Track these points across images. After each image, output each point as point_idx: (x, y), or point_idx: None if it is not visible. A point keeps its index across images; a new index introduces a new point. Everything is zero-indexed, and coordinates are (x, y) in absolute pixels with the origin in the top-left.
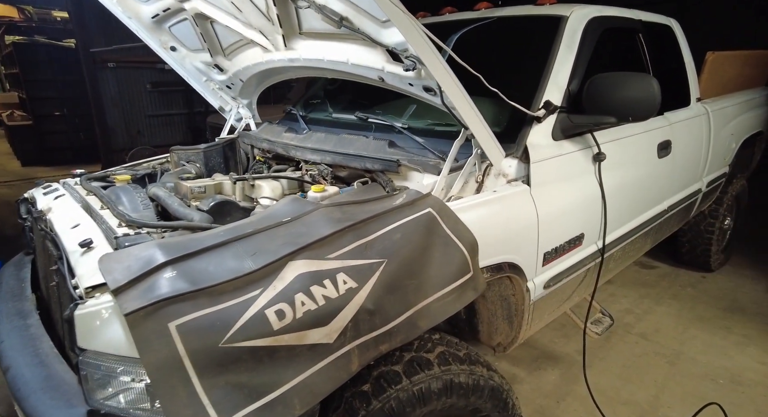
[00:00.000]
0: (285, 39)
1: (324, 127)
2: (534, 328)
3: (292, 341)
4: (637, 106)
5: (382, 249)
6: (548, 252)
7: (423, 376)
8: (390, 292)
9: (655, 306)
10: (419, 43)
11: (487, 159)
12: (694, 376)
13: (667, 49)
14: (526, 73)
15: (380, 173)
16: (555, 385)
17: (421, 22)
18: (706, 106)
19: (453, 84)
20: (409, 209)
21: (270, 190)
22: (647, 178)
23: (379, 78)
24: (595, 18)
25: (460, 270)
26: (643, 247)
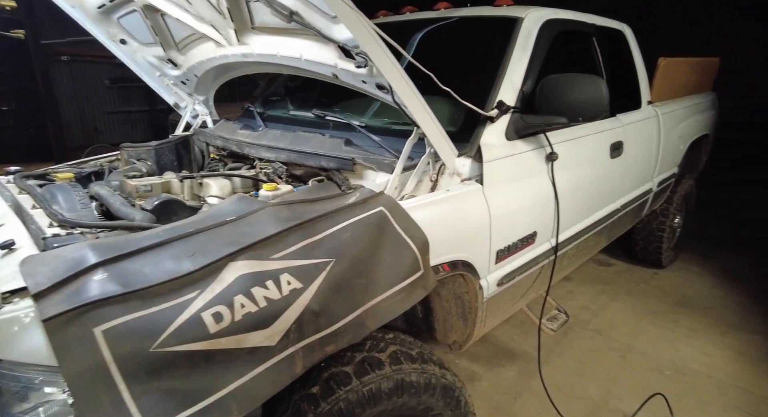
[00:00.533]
0: (237, 33)
1: (281, 125)
2: (489, 326)
3: (231, 344)
4: (587, 107)
5: (330, 248)
6: (501, 250)
7: (373, 377)
8: (337, 292)
9: (611, 302)
10: (368, 40)
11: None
12: (644, 369)
13: (619, 53)
14: (482, 73)
15: (336, 172)
16: (513, 381)
17: (382, 20)
18: (656, 109)
19: (403, 82)
20: (361, 208)
21: (218, 189)
22: (600, 177)
23: (333, 75)
24: (549, 20)
25: (410, 268)
26: (598, 245)
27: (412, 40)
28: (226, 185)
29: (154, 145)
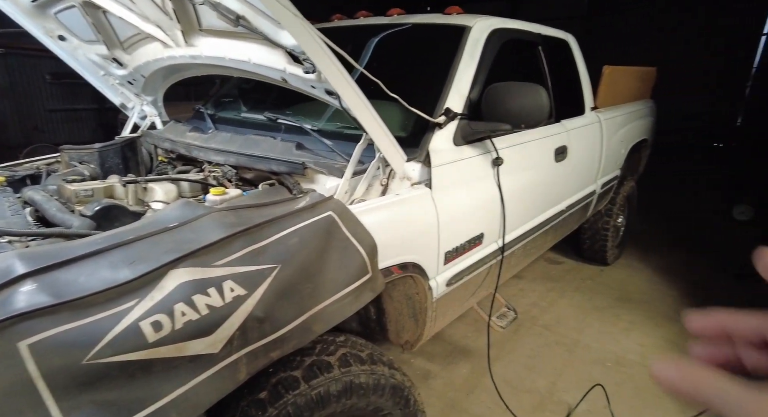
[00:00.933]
0: (185, 35)
1: (232, 127)
2: (439, 325)
3: (171, 353)
4: (529, 114)
5: (276, 254)
6: (449, 251)
7: (322, 380)
8: (283, 297)
9: (559, 298)
10: (313, 47)
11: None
12: (588, 362)
13: (564, 62)
14: (432, 79)
15: (287, 175)
16: (466, 378)
17: (336, 24)
18: (599, 115)
19: (350, 89)
20: (309, 213)
21: (163, 194)
22: (545, 180)
23: (282, 79)
24: (497, 29)
25: (358, 272)
26: (545, 245)
27: (367, 45)
28: (172, 190)
29: (98, 148)
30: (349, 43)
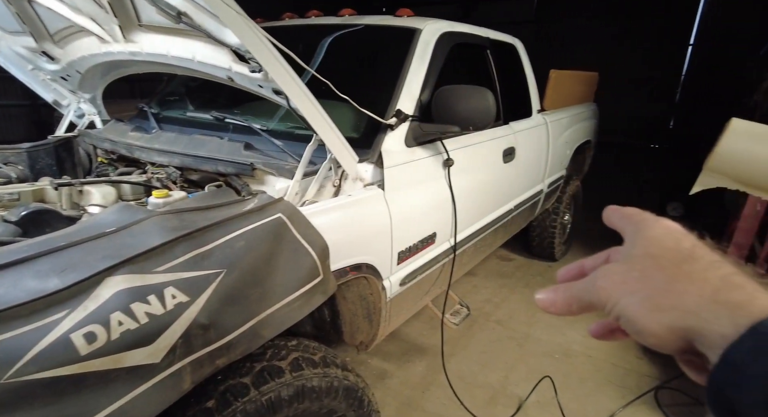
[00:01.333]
0: (123, 30)
1: (177, 127)
2: (394, 324)
3: (106, 365)
4: (477, 117)
5: (221, 258)
6: (402, 251)
7: (273, 385)
8: (229, 303)
9: (511, 294)
10: (257, 45)
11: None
12: (538, 354)
13: (512, 65)
14: (383, 81)
15: (234, 177)
16: (421, 376)
17: (286, 23)
18: (545, 117)
19: (297, 89)
20: (257, 215)
21: (101, 197)
22: (494, 181)
23: (229, 78)
24: (446, 33)
25: (309, 275)
26: (495, 242)
27: (319, 45)
28: (110, 193)
29: (26, 148)
30: (300, 42)
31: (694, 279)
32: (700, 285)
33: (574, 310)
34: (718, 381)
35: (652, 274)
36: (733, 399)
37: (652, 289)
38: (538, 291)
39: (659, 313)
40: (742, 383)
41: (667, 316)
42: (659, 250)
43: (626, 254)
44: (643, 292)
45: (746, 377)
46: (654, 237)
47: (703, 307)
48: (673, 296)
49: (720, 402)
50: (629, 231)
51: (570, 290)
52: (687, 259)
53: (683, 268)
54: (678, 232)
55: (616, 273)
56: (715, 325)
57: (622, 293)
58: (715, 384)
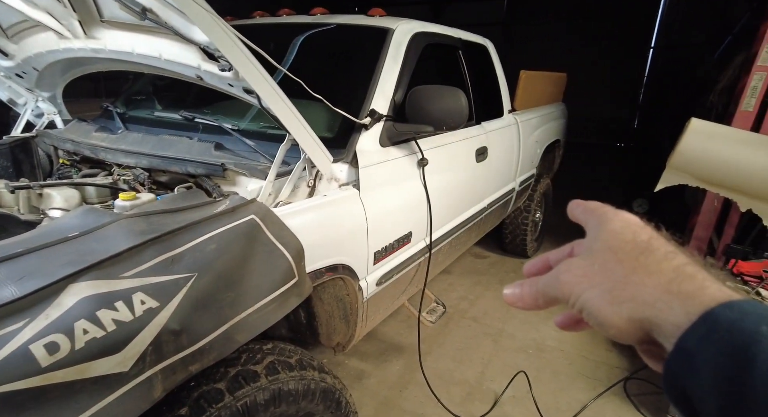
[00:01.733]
0: (83, 26)
1: (144, 127)
2: (371, 325)
3: (70, 376)
4: (450, 116)
5: (192, 262)
6: (378, 251)
7: (248, 390)
8: (200, 308)
9: (485, 291)
10: (226, 43)
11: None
12: (512, 350)
13: (483, 66)
14: (356, 81)
15: (205, 178)
16: (399, 375)
17: (257, 21)
18: (516, 117)
19: (269, 88)
20: (229, 217)
21: (63, 200)
22: (467, 180)
23: (198, 76)
24: (418, 33)
25: (283, 277)
26: (469, 240)
27: (291, 44)
28: (73, 196)
29: None
30: (272, 41)
31: (650, 271)
32: (655, 277)
33: (541, 304)
34: (673, 368)
35: (611, 267)
36: (686, 385)
37: (612, 283)
38: (505, 286)
39: (618, 306)
40: (694, 369)
41: (625, 308)
42: (618, 243)
43: (588, 248)
44: (603, 285)
45: (697, 364)
46: (613, 230)
47: (658, 298)
48: (630, 288)
49: (675, 388)
50: (591, 224)
51: (535, 285)
52: (644, 251)
53: (640, 260)
54: (636, 225)
55: (578, 267)
56: (669, 315)
57: (584, 287)
58: (670, 371)
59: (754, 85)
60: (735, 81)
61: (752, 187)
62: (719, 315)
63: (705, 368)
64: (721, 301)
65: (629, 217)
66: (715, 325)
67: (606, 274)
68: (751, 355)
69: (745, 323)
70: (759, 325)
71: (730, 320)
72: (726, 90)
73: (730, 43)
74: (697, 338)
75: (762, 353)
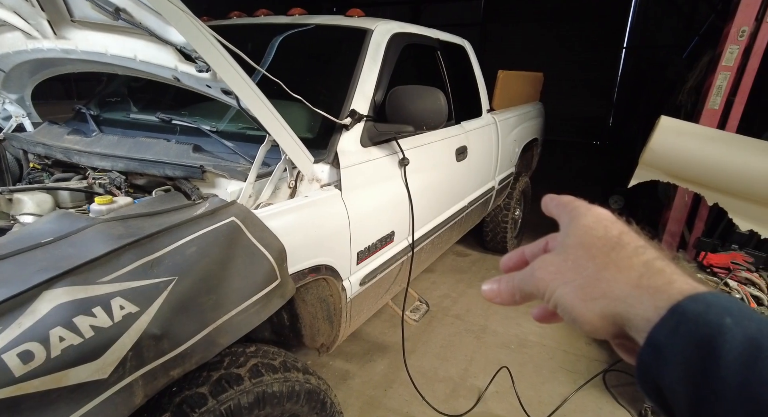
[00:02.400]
0: (53, 25)
1: (120, 130)
2: (355, 325)
3: (46, 385)
4: (429, 116)
5: (172, 266)
6: (361, 251)
7: (232, 393)
8: (181, 311)
9: (468, 289)
10: (203, 43)
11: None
12: (495, 346)
13: (461, 66)
14: (337, 81)
15: (183, 180)
16: (383, 374)
17: (234, 21)
18: (494, 117)
19: (248, 88)
20: (209, 219)
21: (35, 205)
22: (448, 179)
23: (174, 78)
24: (397, 34)
25: (266, 279)
26: (451, 239)
27: (269, 44)
28: (45, 200)
29: None
30: (249, 41)
31: (621, 266)
32: (625, 272)
33: (518, 299)
34: (645, 362)
35: (583, 263)
36: (658, 377)
37: (584, 279)
38: (484, 282)
39: (591, 302)
40: (664, 362)
41: (598, 304)
42: (590, 238)
43: (561, 243)
44: (576, 281)
45: (666, 356)
46: (585, 225)
47: (629, 293)
48: (602, 284)
49: (647, 380)
50: (564, 219)
51: (512, 281)
52: (615, 246)
53: (611, 256)
54: (607, 220)
55: (552, 263)
56: (640, 309)
57: (558, 283)
58: (642, 365)
59: (719, 84)
60: (702, 80)
61: (718, 181)
62: (686, 308)
63: (674, 360)
64: (688, 293)
65: (601, 211)
66: (682, 318)
67: (578, 270)
68: (716, 345)
69: (710, 315)
70: (723, 316)
71: (696, 313)
72: (694, 89)
73: (696, 44)
74: (666, 332)
75: (726, 344)
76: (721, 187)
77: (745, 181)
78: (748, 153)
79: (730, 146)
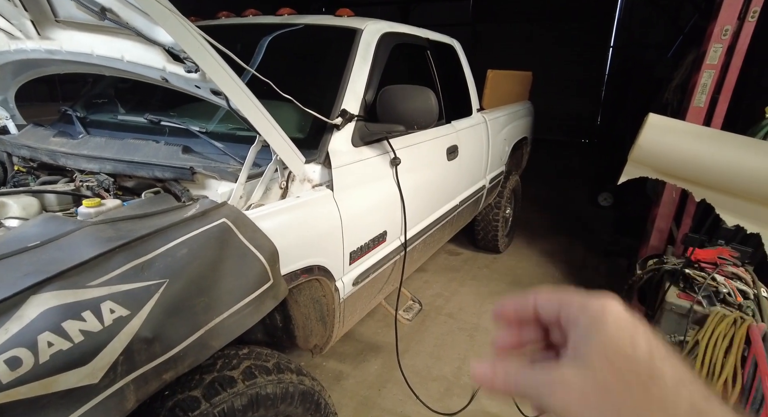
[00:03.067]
0: (36, 26)
1: (107, 132)
2: (348, 325)
3: (35, 392)
4: (420, 115)
5: (163, 268)
6: (354, 251)
7: (225, 396)
8: (173, 314)
9: (460, 287)
10: (192, 44)
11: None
12: (487, 344)
13: (451, 65)
14: (328, 81)
15: (173, 182)
16: (377, 374)
17: (222, 22)
18: (484, 116)
19: (237, 89)
20: (200, 221)
21: (20, 209)
22: (439, 178)
23: (163, 78)
24: (387, 33)
25: (258, 280)
26: (443, 238)
27: (259, 44)
28: (32, 204)
29: None
30: (238, 42)
31: (666, 407)
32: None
33: (513, 396)
34: None
35: (618, 396)
36: None
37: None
38: (475, 361)
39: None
40: None
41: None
42: (618, 358)
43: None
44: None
45: None
46: (608, 337)
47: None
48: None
49: None
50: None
51: (514, 378)
52: (652, 376)
53: (652, 391)
54: (630, 326)
55: (574, 387)
56: None
57: (584, 412)
58: None
59: (704, 82)
60: (687, 78)
61: (706, 178)
62: None
63: None
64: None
65: (619, 315)
66: None
67: (610, 399)
68: None
69: None
70: None
71: None
72: (679, 87)
73: (681, 43)
74: None
75: None
76: (708, 183)
77: (732, 177)
78: (734, 149)
79: (717, 143)
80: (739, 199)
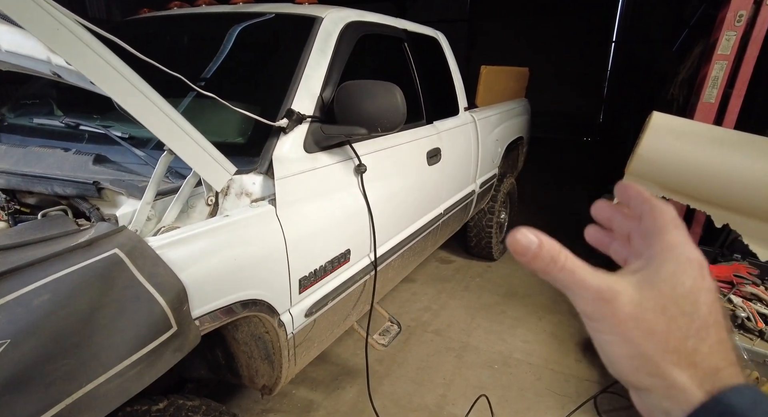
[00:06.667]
0: None
1: (18, 137)
2: (304, 361)
3: None
4: (384, 116)
5: (6, 323)
6: (304, 277)
7: None
8: (15, 388)
9: (450, 300)
10: (46, 23)
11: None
12: (476, 366)
13: (435, 60)
14: (278, 77)
15: (79, 199)
16: (352, 404)
17: (171, 13)
18: (473, 115)
19: (123, 82)
20: (82, 254)
21: None
22: (418, 185)
23: (54, 73)
24: (352, 22)
25: (155, 329)
26: (426, 250)
27: (207, 36)
28: None
29: None
30: (186, 33)
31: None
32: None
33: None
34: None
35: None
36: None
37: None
38: (518, 230)
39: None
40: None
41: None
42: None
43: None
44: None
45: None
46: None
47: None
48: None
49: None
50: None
51: (570, 263)
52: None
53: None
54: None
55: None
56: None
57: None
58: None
59: (715, 75)
60: (695, 72)
61: (730, 197)
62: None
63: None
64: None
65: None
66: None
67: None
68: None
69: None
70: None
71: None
72: (686, 81)
73: (687, 36)
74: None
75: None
76: (733, 205)
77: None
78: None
79: (745, 151)
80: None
